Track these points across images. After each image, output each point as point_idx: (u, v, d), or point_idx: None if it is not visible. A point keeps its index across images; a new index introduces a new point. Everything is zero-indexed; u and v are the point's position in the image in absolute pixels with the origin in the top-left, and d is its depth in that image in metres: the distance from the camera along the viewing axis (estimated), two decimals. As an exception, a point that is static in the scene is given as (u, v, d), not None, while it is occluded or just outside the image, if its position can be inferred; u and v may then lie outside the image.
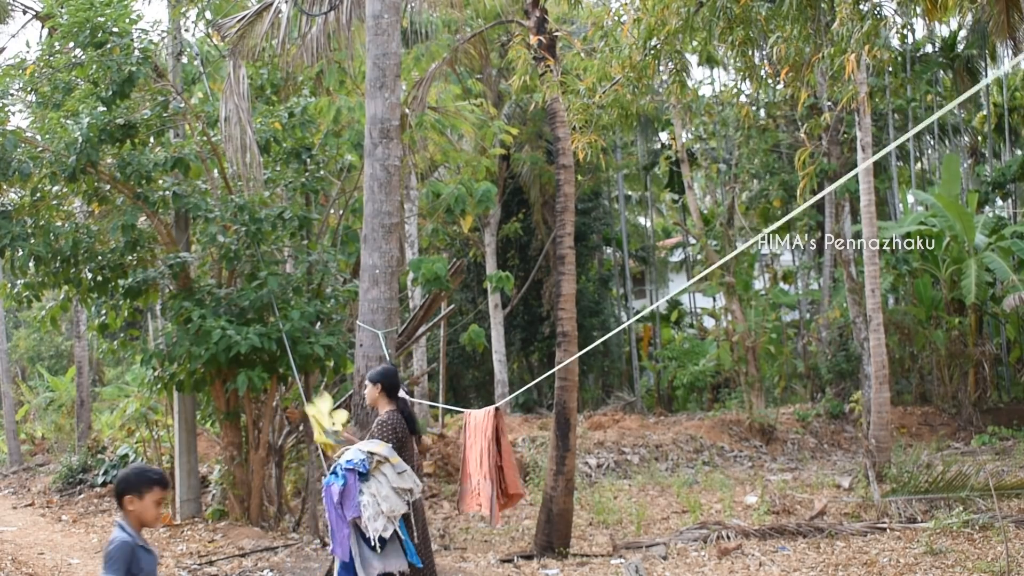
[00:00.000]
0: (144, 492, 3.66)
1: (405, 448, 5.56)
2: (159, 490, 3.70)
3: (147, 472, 3.76)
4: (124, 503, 3.67)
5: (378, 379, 5.78)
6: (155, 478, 3.73)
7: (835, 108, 15.91)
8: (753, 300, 20.61)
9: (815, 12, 6.82)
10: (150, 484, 3.69)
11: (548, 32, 8.81)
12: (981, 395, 18.00)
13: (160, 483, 3.73)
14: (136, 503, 3.65)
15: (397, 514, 5.26)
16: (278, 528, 10.03)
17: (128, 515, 3.67)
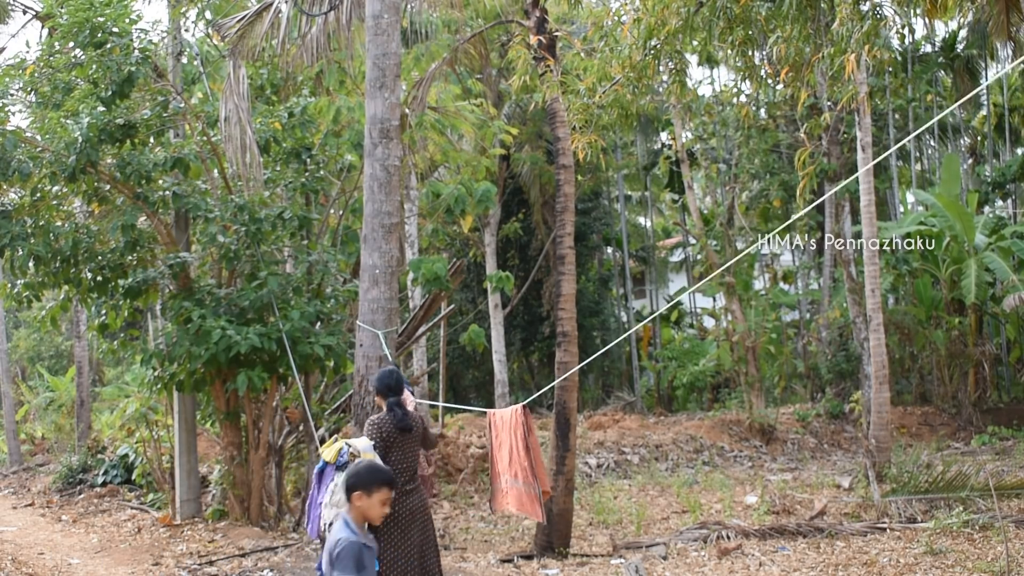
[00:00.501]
0: (373, 490, 3.70)
1: (393, 449, 5.64)
2: (387, 490, 3.74)
3: (378, 471, 3.80)
4: (352, 499, 3.71)
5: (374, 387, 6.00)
6: (385, 478, 3.78)
7: (835, 108, 15.91)
8: (753, 300, 20.61)
9: (815, 12, 6.82)
10: (380, 483, 3.74)
11: (548, 32, 8.81)
12: (981, 395, 18.00)
13: (388, 483, 3.78)
14: (364, 500, 3.69)
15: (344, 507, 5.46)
16: (278, 528, 10.03)
17: (353, 511, 3.71)
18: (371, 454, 5.55)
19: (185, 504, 10.65)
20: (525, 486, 5.88)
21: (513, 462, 5.97)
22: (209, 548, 9.24)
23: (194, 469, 10.81)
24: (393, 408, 5.78)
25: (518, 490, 5.97)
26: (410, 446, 5.76)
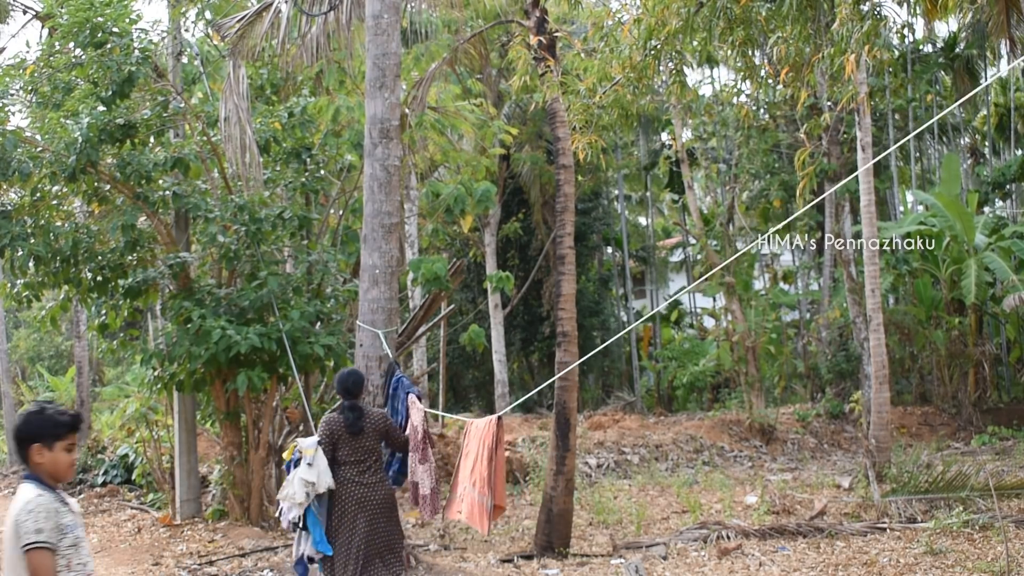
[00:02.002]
0: (54, 442, 3.49)
1: (341, 446, 6.13)
2: (71, 437, 3.56)
3: (53, 418, 3.55)
4: (32, 453, 3.52)
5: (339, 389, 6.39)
6: (64, 422, 3.55)
7: (835, 108, 15.90)
8: (753, 300, 20.61)
9: (815, 12, 6.82)
10: (60, 432, 3.54)
11: (548, 32, 8.81)
12: (981, 395, 18.00)
13: (71, 429, 3.58)
14: (45, 453, 3.48)
15: (295, 501, 5.97)
16: (278, 528, 10.02)
17: (36, 468, 3.53)
18: (312, 450, 6.02)
19: (185, 504, 10.65)
20: (479, 496, 5.86)
21: (475, 471, 5.96)
22: (209, 548, 9.24)
23: (194, 469, 10.81)
24: (345, 410, 6.20)
25: (472, 499, 5.96)
26: (362, 443, 6.15)
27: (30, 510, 3.32)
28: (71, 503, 3.53)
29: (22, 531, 3.31)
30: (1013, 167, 20.15)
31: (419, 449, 6.47)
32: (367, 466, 6.14)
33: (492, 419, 5.98)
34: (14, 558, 3.35)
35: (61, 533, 3.36)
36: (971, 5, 12.73)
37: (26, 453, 3.46)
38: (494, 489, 5.77)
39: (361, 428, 6.14)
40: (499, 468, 5.82)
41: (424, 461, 6.47)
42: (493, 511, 5.85)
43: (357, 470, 6.10)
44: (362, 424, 6.15)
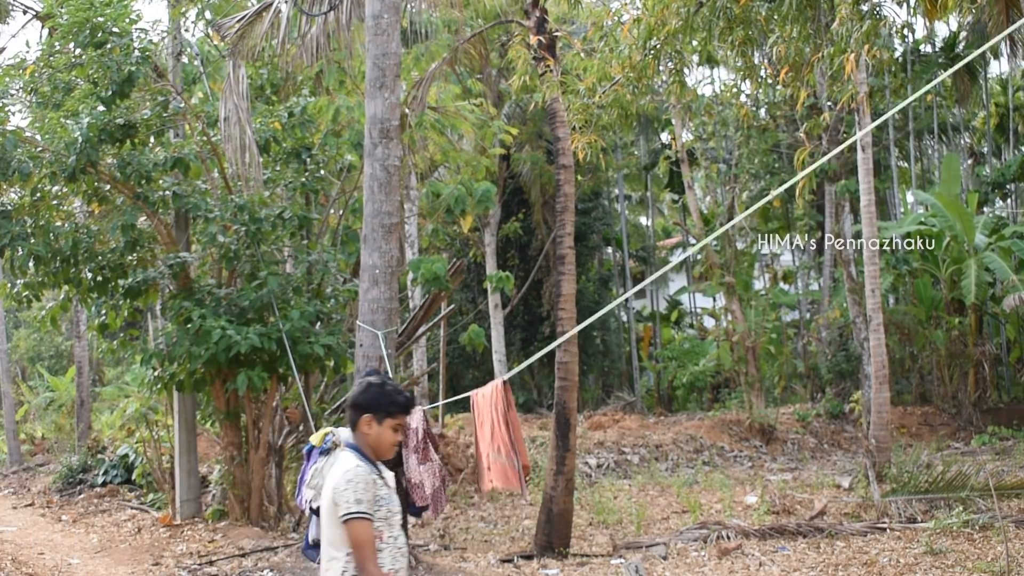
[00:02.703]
0: (384, 417, 3.54)
1: None
2: (402, 417, 3.62)
3: (395, 393, 3.57)
4: (360, 424, 3.62)
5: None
6: (402, 402, 3.57)
7: (835, 108, 15.90)
8: (753, 300, 20.61)
9: (815, 12, 6.82)
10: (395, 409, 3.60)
11: (548, 32, 8.81)
12: (981, 395, 17.99)
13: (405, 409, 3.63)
14: (373, 426, 3.56)
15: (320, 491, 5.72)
16: (278, 528, 10.03)
17: (360, 438, 3.58)
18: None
19: (185, 504, 10.65)
20: (507, 459, 5.89)
21: (495, 437, 5.97)
22: (209, 548, 9.24)
23: (194, 469, 10.81)
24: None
25: (501, 464, 5.97)
26: None
27: (348, 479, 3.33)
28: (387, 477, 3.55)
29: (341, 500, 3.32)
30: (1013, 167, 20.15)
31: (419, 450, 6.47)
32: None
33: (498, 384, 5.99)
34: (331, 525, 3.38)
35: (376, 505, 3.37)
36: (971, 5, 12.72)
37: (356, 421, 3.48)
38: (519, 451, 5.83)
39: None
40: (516, 430, 5.86)
41: (425, 461, 6.46)
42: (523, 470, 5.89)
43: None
44: None
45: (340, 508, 3.31)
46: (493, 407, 5.95)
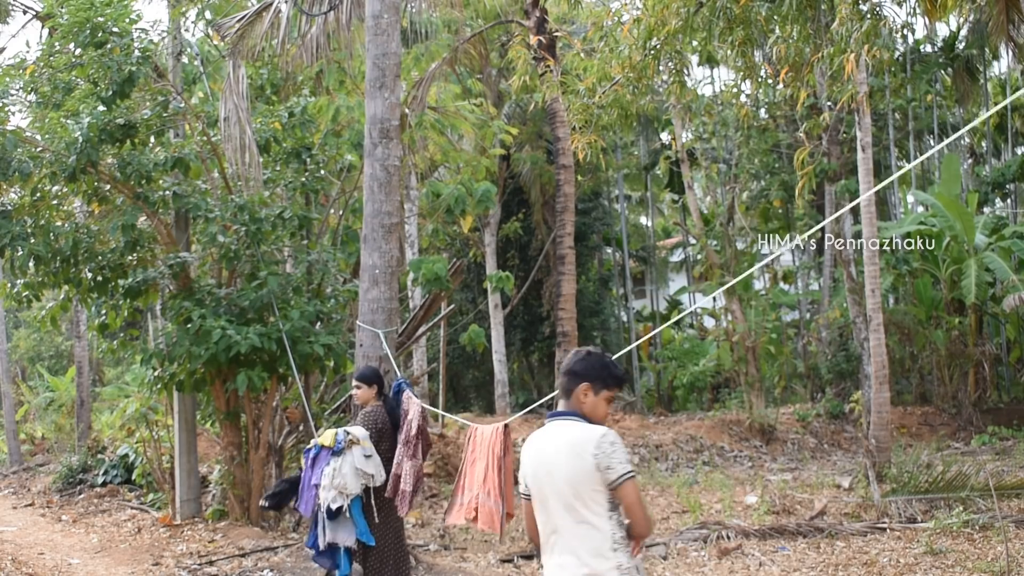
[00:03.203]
0: (600, 388, 3.52)
1: (384, 439, 6.15)
2: (616, 390, 3.61)
3: (612, 365, 3.55)
4: (577, 391, 3.54)
5: (372, 380, 6.37)
6: (618, 375, 3.58)
7: (835, 108, 15.90)
8: (753, 300, 20.61)
9: (815, 12, 6.82)
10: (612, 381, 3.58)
11: (548, 32, 8.82)
12: (981, 395, 18.00)
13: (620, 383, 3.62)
14: (590, 395, 3.51)
15: (349, 492, 5.86)
16: (278, 528, 10.03)
17: (579, 406, 3.51)
18: (368, 442, 6.01)
19: (185, 504, 10.65)
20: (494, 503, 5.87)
21: (487, 479, 5.94)
22: (209, 548, 9.24)
23: (194, 469, 10.81)
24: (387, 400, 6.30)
25: (488, 507, 5.96)
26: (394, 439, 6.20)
27: (611, 441, 3.30)
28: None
29: (614, 462, 3.27)
30: (1013, 167, 20.16)
31: (410, 444, 6.46)
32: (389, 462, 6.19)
33: (499, 427, 5.96)
34: (585, 489, 3.29)
35: None
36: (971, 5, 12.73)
37: (573, 388, 3.46)
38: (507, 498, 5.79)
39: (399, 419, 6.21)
40: (508, 476, 5.82)
41: (412, 458, 6.45)
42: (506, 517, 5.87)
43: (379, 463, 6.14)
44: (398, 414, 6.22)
45: (615, 470, 3.26)
46: (490, 449, 5.95)
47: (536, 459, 3.42)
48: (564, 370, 3.51)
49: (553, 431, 3.42)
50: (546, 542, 3.38)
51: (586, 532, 3.29)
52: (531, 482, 3.44)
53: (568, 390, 3.46)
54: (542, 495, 3.38)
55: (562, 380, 3.50)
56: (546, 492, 3.37)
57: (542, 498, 3.39)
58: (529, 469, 3.45)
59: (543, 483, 3.38)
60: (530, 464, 3.45)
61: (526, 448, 3.51)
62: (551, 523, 3.37)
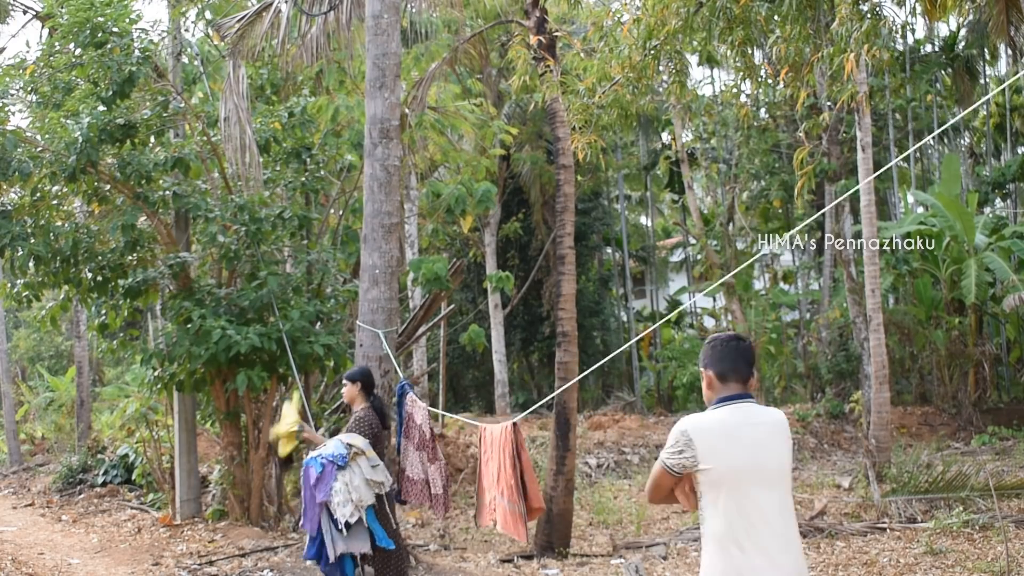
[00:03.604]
0: (711, 369, 3.46)
1: (379, 442, 6.14)
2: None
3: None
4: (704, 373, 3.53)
5: (357, 377, 6.34)
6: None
7: (835, 108, 15.91)
8: (753, 300, 20.61)
9: (815, 12, 6.82)
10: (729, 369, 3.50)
11: (548, 32, 8.81)
12: (981, 395, 17.99)
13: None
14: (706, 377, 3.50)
15: (364, 503, 5.87)
16: (278, 528, 10.03)
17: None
18: (372, 451, 5.99)
19: (185, 504, 10.65)
20: (509, 504, 5.83)
21: (500, 479, 5.91)
22: (209, 548, 9.24)
23: (194, 469, 10.81)
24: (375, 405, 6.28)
25: (504, 508, 5.93)
26: (385, 438, 6.29)
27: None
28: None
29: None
30: (1013, 167, 20.15)
31: (427, 448, 6.47)
32: (386, 463, 6.20)
33: (507, 426, 5.95)
34: (789, 474, 3.29)
35: None
36: (971, 5, 12.73)
37: (750, 376, 3.44)
38: (524, 495, 5.75)
39: (388, 418, 6.26)
40: (527, 472, 5.78)
41: (435, 460, 6.47)
42: (529, 515, 5.83)
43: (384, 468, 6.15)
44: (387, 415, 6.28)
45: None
46: (501, 449, 5.91)
47: (741, 444, 3.21)
48: (741, 352, 3.42)
49: (749, 412, 3.28)
50: (745, 534, 3.16)
51: (793, 521, 3.28)
52: (725, 467, 3.18)
53: (746, 377, 3.39)
54: (743, 483, 3.18)
55: (736, 363, 3.39)
56: (752, 478, 3.19)
57: (744, 487, 3.17)
58: (726, 452, 3.20)
59: (746, 472, 3.19)
60: (722, 447, 3.21)
61: (713, 429, 3.25)
62: (767, 514, 3.19)
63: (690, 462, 3.27)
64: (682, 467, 3.30)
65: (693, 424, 3.30)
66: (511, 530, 5.85)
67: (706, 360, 3.43)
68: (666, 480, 3.40)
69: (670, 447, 3.34)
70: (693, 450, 3.25)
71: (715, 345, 3.46)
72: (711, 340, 3.50)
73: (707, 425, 3.29)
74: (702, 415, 3.33)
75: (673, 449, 3.32)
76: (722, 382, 3.37)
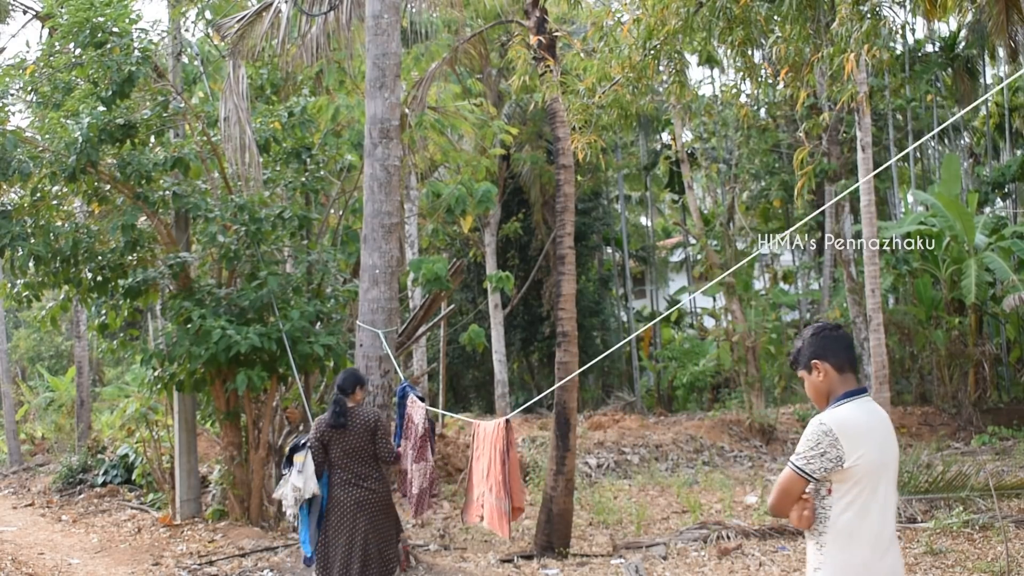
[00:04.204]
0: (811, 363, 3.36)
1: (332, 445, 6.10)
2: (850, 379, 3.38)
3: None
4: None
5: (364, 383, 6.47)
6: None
7: (835, 108, 15.91)
8: (753, 300, 20.62)
9: (815, 12, 6.82)
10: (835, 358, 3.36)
11: (548, 32, 8.81)
12: (981, 395, 17.99)
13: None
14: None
15: (287, 504, 6.04)
16: (278, 528, 10.03)
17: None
18: (302, 456, 6.06)
19: (185, 504, 10.65)
20: (497, 501, 5.83)
21: (490, 475, 5.90)
22: (209, 548, 9.24)
23: (194, 469, 10.81)
24: (331, 405, 6.20)
25: (491, 504, 5.92)
26: (351, 442, 6.08)
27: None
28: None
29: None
30: (1013, 167, 20.16)
31: (416, 447, 6.47)
32: (362, 466, 6.07)
33: (500, 423, 5.94)
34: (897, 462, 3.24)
35: None
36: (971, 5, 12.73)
37: (857, 368, 3.37)
38: (510, 492, 5.73)
39: (344, 424, 6.03)
40: (513, 470, 5.78)
41: (420, 460, 6.46)
42: (512, 513, 5.81)
43: (353, 472, 6.03)
44: (344, 420, 6.04)
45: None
46: (492, 445, 5.91)
47: (875, 437, 3.17)
48: (849, 341, 3.34)
49: (871, 407, 3.23)
50: (868, 532, 3.13)
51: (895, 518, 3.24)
52: (865, 463, 3.11)
53: (856, 368, 3.34)
54: (875, 479, 3.14)
55: (849, 353, 3.31)
56: (883, 477, 3.16)
57: (875, 483, 3.13)
58: (868, 449, 3.14)
59: (879, 468, 3.15)
60: (864, 443, 3.14)
61: (857, 425, 3.16)
62: (885, 510, 3.17)
63: (833, 464, 3.13)
64: (823, 471, 3.15)
65: (836, 422, 3.16)
66: (495, 526, 5.87)
67: (819, 351, 3.30)
68: (799, 487, 3.22)
69: (810, 449, 3.15)
70: (839, 449, 3.12)
71: (824, 335, 3.33)
72: (817, 330, 3.37)
73: (849, 422, 3.17)
74: (837, 412, 3.21)
75: (814, 452, 3.14)
76: (839, 373, 3.28)
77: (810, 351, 3.32)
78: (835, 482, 3.16)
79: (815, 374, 3.30)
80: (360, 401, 6.27)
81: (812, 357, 3.31)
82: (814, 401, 3.33)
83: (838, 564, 3.15)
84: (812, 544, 3.27)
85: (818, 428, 3.15)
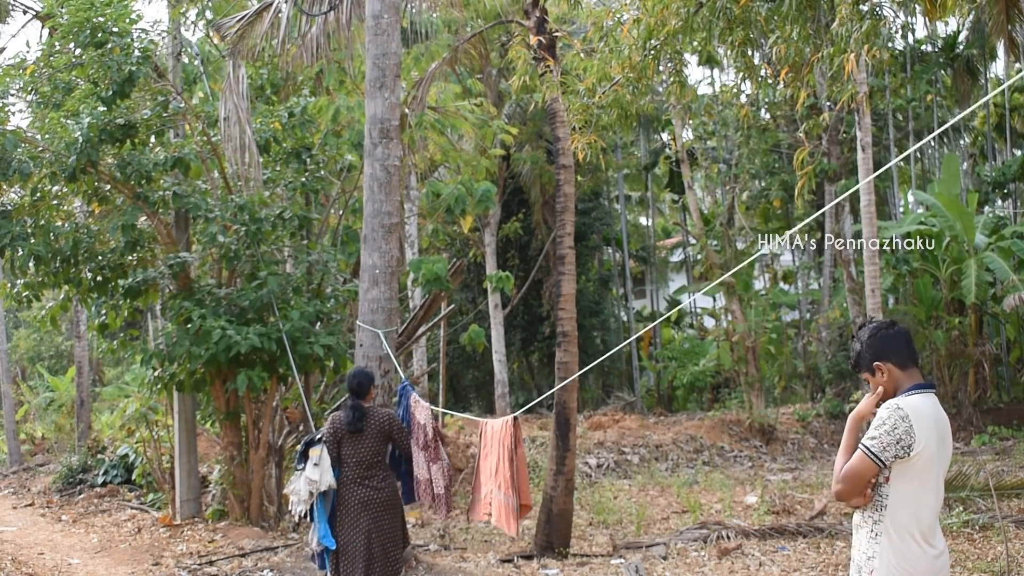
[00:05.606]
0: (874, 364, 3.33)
1: (344, 444, 6.12)
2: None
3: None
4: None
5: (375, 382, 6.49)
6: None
7: (835, 108, 15.91)
8: (753, 300, 20.61)
9: (815, 12, 6.81)
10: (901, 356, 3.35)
11: (548, 32, 8.81)
12: (981, 395, 17.99)
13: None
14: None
15: (300, 498, 6.04)
16: (278, 528, 10.04)
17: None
18: (319, 450, 6.08)
19: (185, 504, 10.65)
20: (504, 498, 5.83)
21: (498, 473, 5.90)
22: (209, 548, 9.24)
23: (194, 469, 10.81)
24: (347, 408, 6.20)
25: (499, 501, 5.91)
26: (364, 443, 6.12)
27: None
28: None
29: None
30: (1013, 167, 20.15)
31: (429, 448, 6.47)
32: (371, 467, 6.08)
33: (508, 420, 5.94)
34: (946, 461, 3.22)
35: None
36: (971, 5, 12.73)
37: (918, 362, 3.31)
38: (519, 489, 5.73)
39: (361, 428, 6.07)
40: (521, 468, 5.78)
41: (436, 460, 6.46)
42: (520, 511, 5.81)
43: (360, 472, 6.04)
44: (362, 424, 6.08)
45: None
46: (500, 442, 5.90)
47: (937, 431, 3.17)
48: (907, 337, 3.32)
49: (937, 404, 3.23)
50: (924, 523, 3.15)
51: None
52: (927, 455, 3.12)
53: (918, 362, 3.33)
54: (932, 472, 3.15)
55: (909, 347, 3.30)
56: (940, 468, 3.18)
57: (931, 476, 3.15)
58: (931, 440, 3.14)
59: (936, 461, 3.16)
60: (930, 434, 3.14)
61: (928, 414, 3.16)
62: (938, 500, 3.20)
63: (904, 450, 3.11)
64: (894, 456, 3.11)
65: (912, 407, 3.14)
66: (503, 523, 5.87)
67: (879, 352, 3.28)
68: (872, 472, 3.18)
69: (887, 434, 3.11)
70: (912, 436, 3.10)
71: (881, 335, 3.30)
72: (873, 330, 3.34)
73: (923, 409, 3.16)
74: (911, 399, 3.19)
75: (890, 437, 3.11)
76: (903, 370, 3.26)
77: (870, 353, 3.30)
78: (895, 470, 3.15)
79: (879, 375, 3.29)
80: (372, 398, 6.34)
81: (873, 359, 3.28)
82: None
83: (895, 555, 3.14)
84: (865, 532, 3.25)
85: (895, 412, 3.13)
